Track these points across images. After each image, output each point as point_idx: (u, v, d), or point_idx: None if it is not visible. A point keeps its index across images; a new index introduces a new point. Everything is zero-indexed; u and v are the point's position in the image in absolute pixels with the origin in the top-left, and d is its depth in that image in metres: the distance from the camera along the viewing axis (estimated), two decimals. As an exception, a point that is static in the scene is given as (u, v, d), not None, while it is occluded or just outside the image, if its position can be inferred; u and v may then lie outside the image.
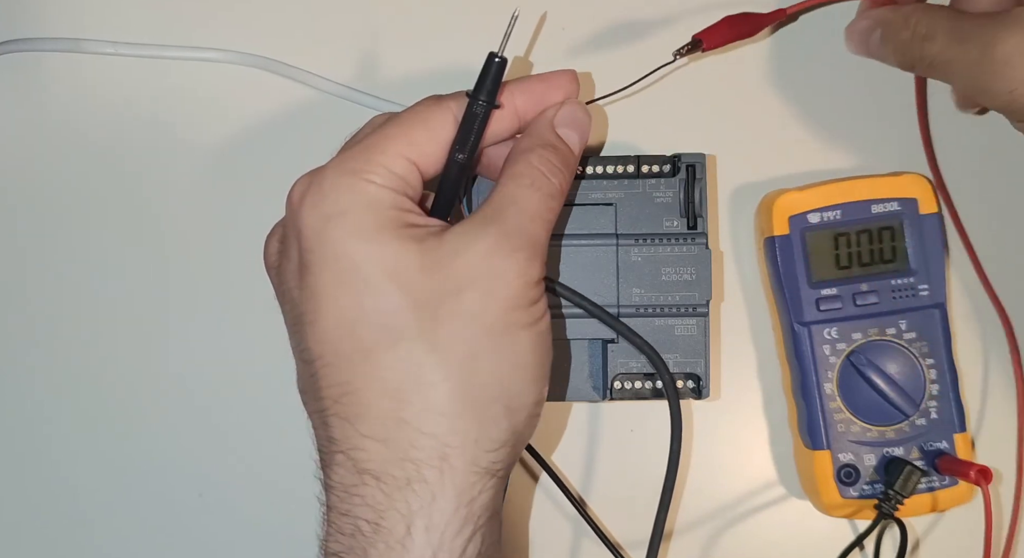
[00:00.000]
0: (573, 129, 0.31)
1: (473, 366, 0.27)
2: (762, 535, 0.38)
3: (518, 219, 0.28)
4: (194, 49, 0.37)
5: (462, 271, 0.27)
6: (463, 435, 0.27)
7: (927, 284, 0.35)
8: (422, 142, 0.29)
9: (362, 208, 0.27)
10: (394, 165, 0.28)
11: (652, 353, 0.32)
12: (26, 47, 0.37)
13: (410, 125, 0.29)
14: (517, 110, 0.30)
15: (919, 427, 0.35)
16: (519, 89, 0.30)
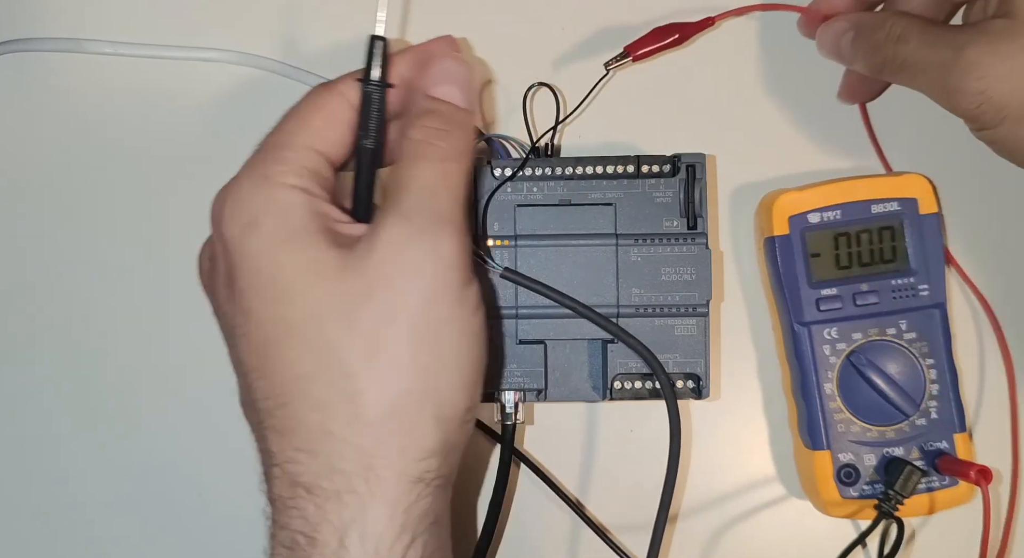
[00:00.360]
0: (449, 84, 0.29)
1: (396, 373, 0.26)
2: (762, 535, 0.38)
3: (416, 197, 0.27)
4: (194, 49, 0.37)
5: (375, 268, 0.26)
6: (389, 445, 0.26)
7: (927, 284, 0.35)
8: (324, 129, 0.28)
9: (277, 215, 0.26)
10: (303, 160, 0.28)
11: (647, 354, 0.32)
12: (26, 47, 0.37)
13: (307, 115, 0.29)
14: (404, 82, 0.30)
15: (919, 427, 0.35)
16: (401, 61, 0.30)
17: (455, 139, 0.28)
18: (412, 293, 0.26)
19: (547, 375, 0.34)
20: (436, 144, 0.28)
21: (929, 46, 0.30)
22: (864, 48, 0.33)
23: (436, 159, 0.28)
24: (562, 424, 0.38)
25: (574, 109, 0.37)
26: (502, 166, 0.34)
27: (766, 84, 0.38)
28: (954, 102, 0.30)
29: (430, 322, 0.26)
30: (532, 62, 0.37)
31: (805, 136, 0.38)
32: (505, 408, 0.34)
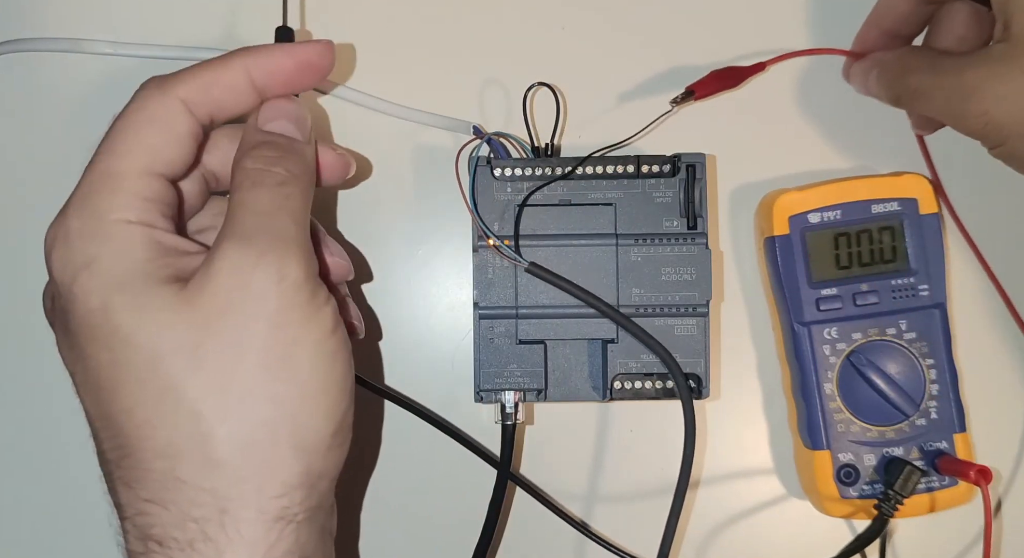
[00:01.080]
0: (284, 120, 0.28)
1: (248, 406, 0.25)
2: (762, 535, 0.38)
3: (255, 220, 0.25)
4: (194, 49, 0.37)
5: (216, 298, 0.24)
6: (245, 485, 0.25)
7: (927, 284, 0.35)
8: (161, 146, 0.26)
9: (111, 257, 0.25)
10: (141, 190, 0.26)
11: (665, 353, 0.32)
12: (26, 47, 0.37)
13: (140, 131, 0.26)
14: (255, 84, 0.28)
15: (919, 427, 0.35)
16: (256, 60, 0.28)
17: (291, 164, 0.27)
18: (257, 320, 0.25)
19: (547, 375, 0.34)
20: (272, 170, 0.26)
21: (936, 75, 0.31)
22: (884, 82, 0.34)
23: (273, 183, 0.26)
24: (562, 424, 0.38)
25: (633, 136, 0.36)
26: (502, 166, 0.34)
27: (766, 84, 0.38)
28: (961, 124, 0.31)
29: (280, 348, 0.25)
30: (532, 62, 0.37)
31: (805, 136, 0.38)
32: (505, 408, 0.34)
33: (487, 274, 0.34)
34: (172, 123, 0.26)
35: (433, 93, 0.37)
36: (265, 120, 0.28)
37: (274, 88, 0.28)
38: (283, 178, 0.26)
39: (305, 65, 0.28)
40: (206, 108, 0.27)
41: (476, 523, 0.34)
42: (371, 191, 0.37)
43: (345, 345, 0.27)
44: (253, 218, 0.25)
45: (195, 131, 0.27)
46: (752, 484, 0.38)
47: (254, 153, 0.27)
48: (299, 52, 0.28)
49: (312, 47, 0.29)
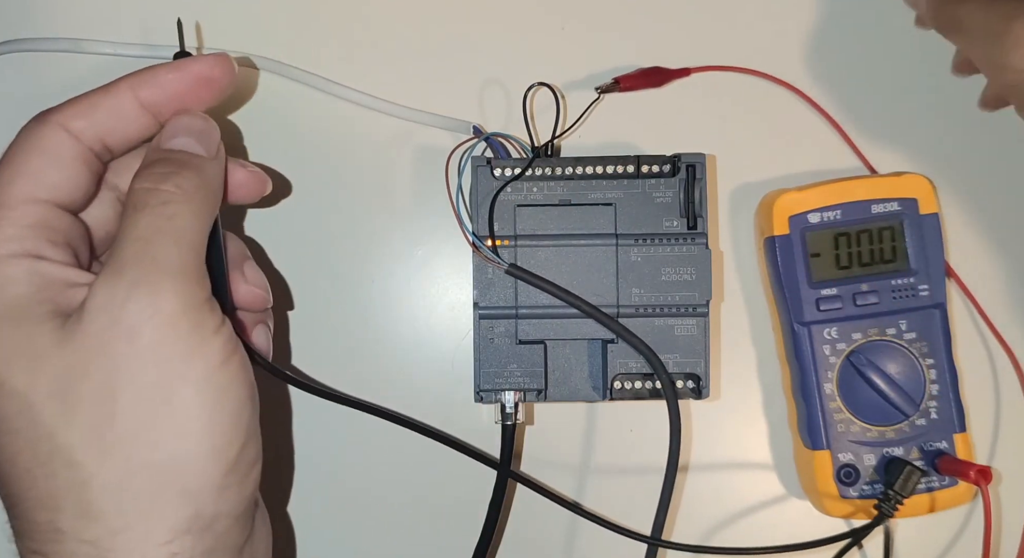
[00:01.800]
0: (186, 135, 0.27)
1: (125, 451, 0.23)
2: (762, 535, 0.38)
3: (130, 248, 0.24)
4: (194, 49, 0.37)
5: (89, 337, 0.23)
6: (128, 534, 0.23)
7: (927, 284, 0.35)
8: (46, 172, 0.25)
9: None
10: (23, 217, 0.24)
11: (649, 352, 0.33)
12: (26, 47, 0.37)
13: (23, 160, 0.25)
14: (145, 105, 0.26)
15: (919, 427, 0.35)
16: (141, 80, 0.27)
17: (183, 179, 0.25)
18: (130, 358, 0.23)
19: (547, 375, 0.34)
20: (159, 188, 0.25)
21: (985, 10, 0.29)
22: (932, 4, 0.32)
23: (157, 203, 0.24)
24: (562, 424, 0.38)
25: (570, 126, 0.37)
26: (502, 166, 0.34)
27: (766, 84, 0.38)
28: (997, 75, 0.29)
29: (157, 387, 0.23)
30: (532, 62, 0.37)
31: (805, 136, 0.38)
32: (505, 408, 0.34)
33: (487, 274, 0.34)
34: (54, 149, 0.25)
35: (433, 93, 0.37)
36: (166, 138, 0.27)
37: (167, 108, 0.27)
38: (168, 196, 0.25)
39: (197, 81, 0.27)
40: (92, 133, 0.26)
41: (476, 524, 0.34)
42: (371, 191, 0.37)
43: (240, 376, 0.25)
44: (130, 246, 0.24)
45: (83, 156, 0.26)
46: (752, 484, 0.38)
47: (145, 172, 0.26)
48: (187, 67, 0.27)
49: (202, 61, 0.27)
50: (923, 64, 0.38)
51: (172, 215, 0.25)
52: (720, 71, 0.38)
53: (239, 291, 0.29)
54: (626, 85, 0.36)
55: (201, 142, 0.27)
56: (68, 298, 0.24)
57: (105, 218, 0.28)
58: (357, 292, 0.37)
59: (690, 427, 0.38)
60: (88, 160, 0.26)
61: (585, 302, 0.33)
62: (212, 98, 0.28)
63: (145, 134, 0.27)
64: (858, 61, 0.38)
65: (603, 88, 0.36)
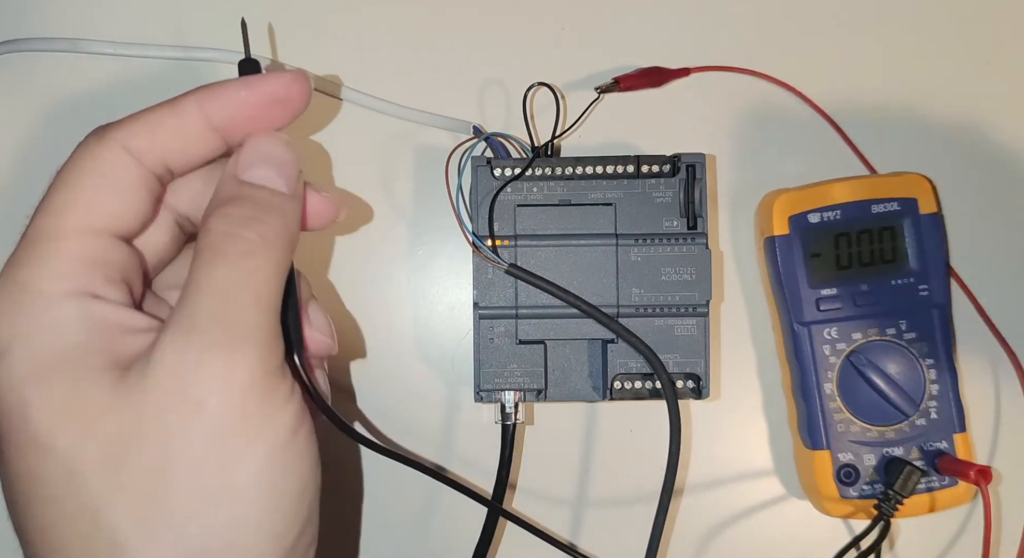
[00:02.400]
0: (266, 166, 0.24)
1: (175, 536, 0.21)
2: (762, 535, 0.38)
3: (206, 304, 0.21)
4: (194, 49, 0.37)
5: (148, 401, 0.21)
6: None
7: (927, 284, 0.35)
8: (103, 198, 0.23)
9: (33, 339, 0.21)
10: (78, 250, 0.22)
11: (649, 352, 0.32)
12: (26, 47, 0.37)
13: (78, 185, 0.23)
14: (214, 125, 0.24)
15: (919, 427, 0.35)
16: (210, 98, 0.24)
17: (267, 227, 0.23)
18: (192, 431, 0.21)
19: (547, 375, 0.34)
20: (240, 235, 0.22)
21: None
22: None
23: (237, 254, 0.22)
24: (562, 424, 0.38)
25: (570, 126, 0.37)
26: (502, 166, 0.34)
27: (765, 84, 0.38)
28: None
29: (218, 468, 0.21)
30: (532, 62, 0.37)
31: (805, 136, 0.38)
32: (505, 408, 0.34)
33: (487, 274, 0.34)
34: (114, 173, 0.23)
35: (433, 93, 0.37)
36: (243, 166, 0.24)
37: (237, 129, 0.24)
38: (252, 246, 0.22)
39: (271, 100, 0.24)
40: (155, 155, 0.24)
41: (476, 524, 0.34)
42: (371, 191, 0.37)
43: (307, 450, 0.23)
44: (206, 301, 0.21)
45: (145, 181, 0.23)
46: (752, 484, 0.38)
47: (223, 210, 0.23)
48: (261, 85, 0.24)
49: (277, 79, 0.24)
50: (923, 64, 0.38)
51: (254, 270, 0.22)
52: (720, 71, 0.38)
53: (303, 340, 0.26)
54: (626, 85, 0.36)
55: (283, 175, 0.24)
56: (125, 347, 0.22)
57: (161, 243, 0.26)
58: (357, 292, 0.37)
59: (690, 427, 0.38)
60: (149, 184, 0.24)
61: (585, 302, 0.33)
62: (285, 120, 0.25)
63: (210, 155, 0.25)
64: (858, 61, 0.38)
65: (603, 88, 0.36)
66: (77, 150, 0.23)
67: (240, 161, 0.24)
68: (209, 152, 0.25)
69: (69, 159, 0.23)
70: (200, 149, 0.24)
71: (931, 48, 0.38)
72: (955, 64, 0.38)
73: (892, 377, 0.35)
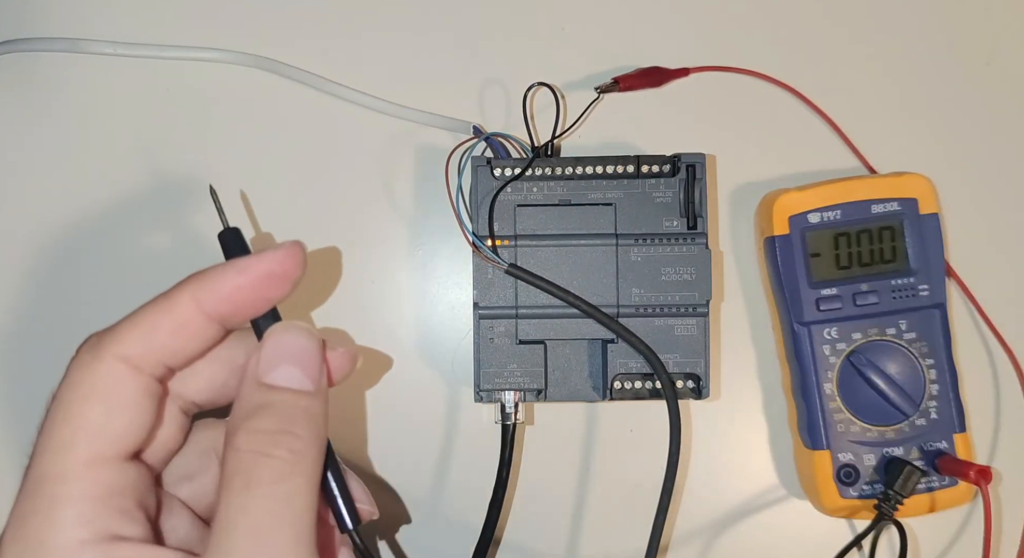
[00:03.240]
0: (286, 363, 0.23)
1: None
2: (762, 535, 0.38)
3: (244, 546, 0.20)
4: (194, 49, 0.37)
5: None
6: None
7: (927, 284, 0.35)
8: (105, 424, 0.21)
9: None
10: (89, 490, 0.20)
11: (649, 352, 0.32)
12: (26, 47, 0.37)
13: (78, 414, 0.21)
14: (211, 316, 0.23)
15: (919, 427, 0.35)
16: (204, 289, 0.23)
17: (297, 439, 0.22)
18: None
19: (547, 375, 0.34)
20: (273, 455, 0.21)
21: None
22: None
23: (272, 481, 0.21)
24: (562, 424, 0.38)
25: (570, 126, 0.37)
26: (502, 166, 0.34)
27: (765, 84, 0.38)
28: None
29: None
30: (532, 62, 0.37)
31: (805, 136, 0.38)
32: (505, 408, 0.34)
33: (487, 274, 0.34)
34: (115, 391, 0.21)
35: (433, 93, 0.37)
36: (265, 368, 0.23)
37: (237, 315, 0.23)
38: (284, 467, 0.21)
39: (267, 279, 0.23)
40: (153, 358, 0.22)
41: (476, 523, 0.34)
42: (371, 191, 0.37)
43: None
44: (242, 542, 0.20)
45: (147, 388, 0.22)
46: (752, 484, 0.38)
47: (250, 425, 0.22)
48: (256, 267, 0.23)
49: (272, 257, 0.23)
50: (923, 64, 0.38)
51: (289, 498, 0.21)
52: (720, 71, 0.38)
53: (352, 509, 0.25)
54: (626, 85, 0.36)
55: (308, 372, 0.23)
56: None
57: (168, 438, 0.24)
58: (357, 292, 0.37)
59: (690, 427, 0.38)
60: (152, 391, 0.22)
61: (585, 302, 0.33)
62: (283, 293, 0.24)
63: (211, 344, 0.24)
64: (857, 61, 0.38)
65: (603, 88, 0.36)
66: (72, 367, 0.22)
67: (262, 363, 0.23)
68: (209, 342, 0.23)
69: (65, 380, 0.22)
70: (199, 342, 0.23)
71: (931, 48, 0.38)
72: (955, 64, 0.38)
73: (892, 377, 0.35)
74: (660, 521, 0.32)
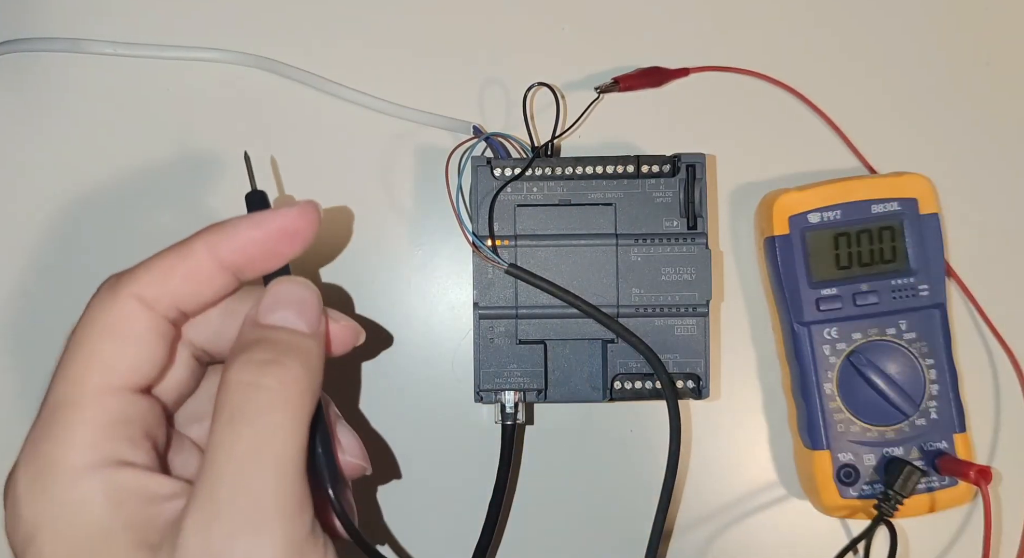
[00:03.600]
0: (286, 308, 0.24)
1: None
2: (762, 535, 0.38)
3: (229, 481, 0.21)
4: (194, 49, 0.37)
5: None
6: None
7: (927, 284, 0.35)
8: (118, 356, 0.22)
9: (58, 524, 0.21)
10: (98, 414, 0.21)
11: (649, 352, 0.33)
12: (26, 47, 0.37)
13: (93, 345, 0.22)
14: (225, 265, 0.24)
15: (919, 427, 0.35)
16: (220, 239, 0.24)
17: (286, 370, 0.22)
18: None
19: (547, 375, 0.34)
20: (259, 384, 0.22)
21: None
22: None
23: (256, 412, 0.21)
24: (562, 424, 0.38)
25: (570, 126, 0.37)
26: (502, 166, 0.34)
27: (766, 84, 0.38)
28: None
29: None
30: (532, 62, 0.37)
31: (805, 136, 0.38)
32: (505, 408, 0.34)
33: (487, 274, 0.34)
34: (129, 327, 0.22)
35: (433, 93, 0.37)
36: (264, 311, 0.24)
37: (249, 266, 0.24)
38: (272, 397, 0.22)
39: (280, 234, 0.24)
40: (168, 302, 0.23)
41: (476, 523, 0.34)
42: (372, 191, 0.37)
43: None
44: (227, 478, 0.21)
45: (160, 329, 0.23)
46: (752, 484, 0.38)
47: (244, 357, 0.22)
48: (271, 222, 0.24)
49: (286, 214, 0.24)
50: (923, 64, 0.38)
51: (275, 429, 0.21)
52: (720, 71, 0.38)
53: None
54: (626, 85, 0.36)
55: (303, 315, 0.24)
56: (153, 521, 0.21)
57: (179, 381, 0.25)
58: (357, 292, 0.37)
59: (690, 427, 0.38)
60: (164, 331, 0.23)
61: (585, 302, 0.33)
62: (296, 251, 0.25)
63: (223, 294, 0.25)
64: (857, 61, 0.38)
65: (603, 88, 0.36)
66: (91, 304, 0.23)
67: (261, 306, 0.24)
68: (221, 291, 0.24)
69: (84, 315, 0.23)
70: (212, 290, 0.24)
71: (931, 48, 0.38)
72: (955, 64, 0.38)
73: (892, 377, 0.35)
74: (660, 520, 0.32)
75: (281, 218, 0.24)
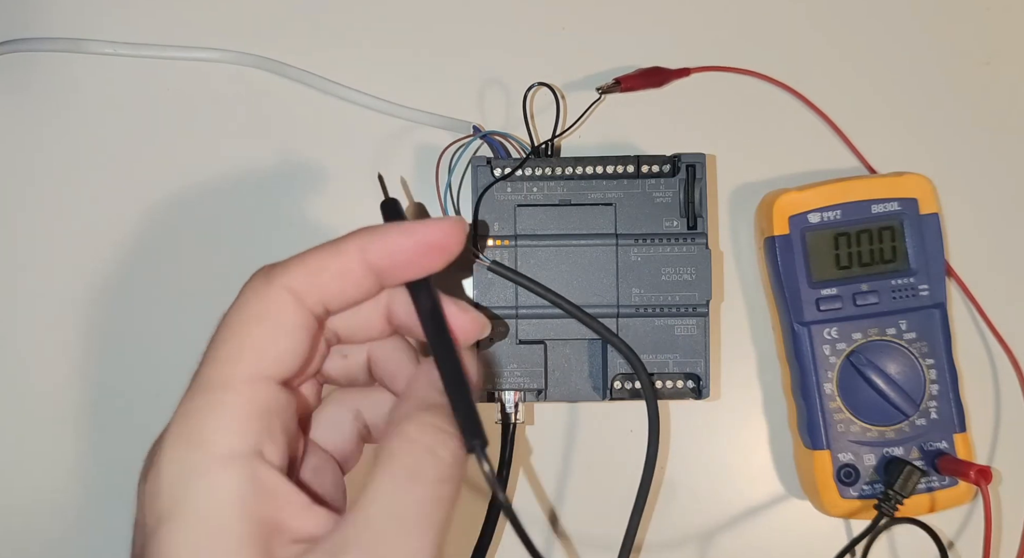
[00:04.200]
0: None
1: None
2: (762, 535, 0.38)
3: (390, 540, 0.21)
4: (194, 49, 0.37)
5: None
6: None
7: (927, 284, 0.35)
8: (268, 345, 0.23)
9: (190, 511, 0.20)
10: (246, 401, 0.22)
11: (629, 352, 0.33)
12: (26, 47, 0.37)
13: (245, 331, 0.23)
14: (372, 268, 0.24)
15: (919, 427, 0.35)
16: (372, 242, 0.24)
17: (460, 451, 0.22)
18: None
19: (547, 375, 0.34)
20: (437, 454, 0.22)
21: None
22: None
23: (431, 478, 0.22)
24: (562, 424, 0.38)
25: (570, 126, 0.37)
26: (502, 165, 0.34)
27: (766, 84, 0.38)
28: None
29: None
30: (532, 62, 0.37)
31: (805, 136, 0.38)
32: (505, 408, 0.34)
33: (487, 274, 0.34)
34: (280, 317, 0.23)
35: (433, 93, 0.37)
36: None
37: (393, 273, 0.24)
38: (447, 470, 0.22)
39: (428, 247, 0.24)
40: (316, 296, 0.24)
41: (476, 524, 0.34)
42: (371, 190, 0.37)
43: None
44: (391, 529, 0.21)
45: (306, 322, 0.23)
46: (752, 484, 0.38)
47: (425, 419, 0.22)
48: (422, 233, 0.24)
49: (438, 227, 0.25)
50: (923, 64, 0.38)
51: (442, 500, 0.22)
52: (720, 71, 0.38)
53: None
54: (626, 85, 0.36)
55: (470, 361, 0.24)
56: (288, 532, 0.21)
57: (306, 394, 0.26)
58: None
59: (690, 427, 0.38)
60: (310, 325, 0.24)
61: (567, 301, 0.33)
62: (438, 266, 0.25)
63: (365, 297, 0.25)
64: (857, 61, 0.38)
65: (603, 88, 0.36)
66: (244, 291, 0.23)
67: None
68: (365, 294, 0.25)
69: (237, 300, 0.23)
70: (357, 291, 0.24)
71: (931, 48, 0.38)
72: (955, 64, 0.38)
73: (892, 377, 0.35)
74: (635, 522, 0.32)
75: (431, 231, 0.24)
